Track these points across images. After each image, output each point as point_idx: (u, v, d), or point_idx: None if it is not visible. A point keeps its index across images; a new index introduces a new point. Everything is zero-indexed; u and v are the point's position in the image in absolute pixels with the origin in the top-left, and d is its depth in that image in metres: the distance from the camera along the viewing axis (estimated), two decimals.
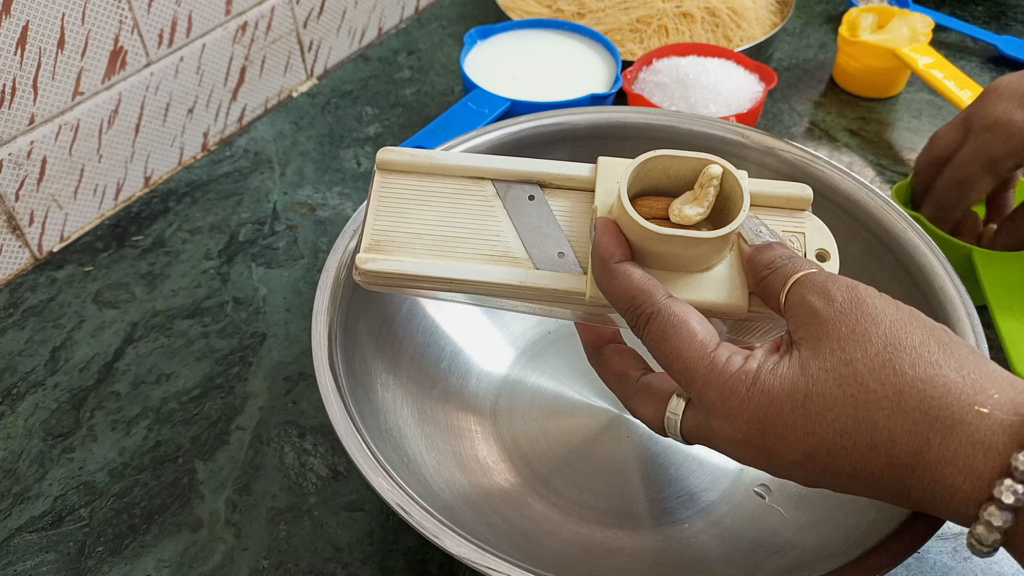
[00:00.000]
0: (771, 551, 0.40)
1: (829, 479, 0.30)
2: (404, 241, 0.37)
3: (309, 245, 0.60)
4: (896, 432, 0.28)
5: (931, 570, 0.44)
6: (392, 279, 0.36)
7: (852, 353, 0.29)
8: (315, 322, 0.40)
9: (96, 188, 0.61)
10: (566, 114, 0.51)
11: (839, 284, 0.31)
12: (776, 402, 0.29)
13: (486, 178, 0.38)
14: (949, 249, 0.53)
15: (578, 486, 0.45)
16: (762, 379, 0.30)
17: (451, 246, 0.37)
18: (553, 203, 0.38)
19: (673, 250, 0.33)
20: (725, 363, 0.31)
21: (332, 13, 0.74)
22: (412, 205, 0.38)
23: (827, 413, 0.29)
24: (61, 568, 0.43)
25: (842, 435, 0.29)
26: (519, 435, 0.47)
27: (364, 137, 0.69)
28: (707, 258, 0.34)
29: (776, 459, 0.30)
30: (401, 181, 0.38)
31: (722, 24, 0.74)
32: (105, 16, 0.56)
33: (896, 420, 0.28)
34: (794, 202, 0.36)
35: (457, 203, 0.38)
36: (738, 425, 0.30)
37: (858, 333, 0.29)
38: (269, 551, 0.44)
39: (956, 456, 0.27)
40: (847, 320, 0.30)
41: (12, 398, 0.51)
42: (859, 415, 0.28)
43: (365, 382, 0.42)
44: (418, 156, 0.38)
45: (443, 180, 0.38)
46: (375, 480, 0.35)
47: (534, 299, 0.36)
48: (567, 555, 0.42)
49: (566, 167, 0.38)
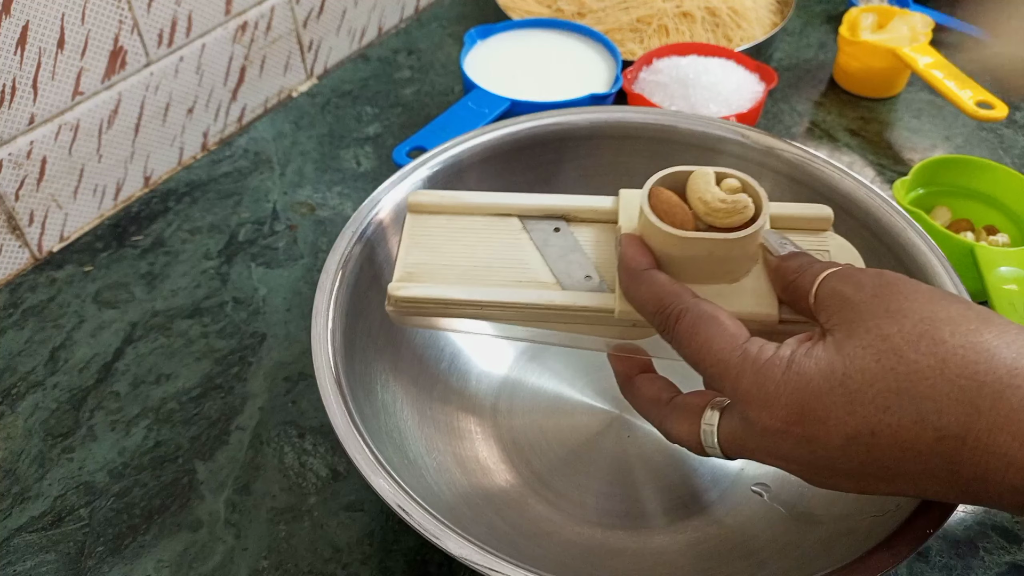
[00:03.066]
0: (773, 551, 0.40)
1: (874, 468, 0.29)
2: (435, 272, 0.38)
3: (309, 245, 0.60)
4: (942, 402, 0.27)
5: (931, 569, 0.44)
6: (423, 305, 0.37)
7: (888, 328, 0.28)
8: (315, 322, 0.40)
9: (96, 188, 0.61)
10: (566, 114, 0.51)
11: (867, 272, 0.30)
12: (813, 383, 0.28)
13: (512, 214, 0.40)
14: (951, 245, 0.53)
15: (578, 487, 0.45)
16: (797, 362, 0.29)
17: (480, 274, 0.38)
18: (578, 234, 0.39)
19: (698, 254, 0.33)
20: (758, 352, 0.30)
21: (332, 13, 0.74)
22: (442, 241, 0.39)
23: (867, 390, 0.28)
24: (61, 568, 0.43)
25: (885, 411, 0.27)
26: (519, 436, 0.47)
27: (364, 137, 0.69)
28: (734, 265, 0.34)
29: (818, 448, 0.29)
30: (431, 220, 0.40)
31: (722, 24, 0.74)
32: (105, 16, 0.56)
33: (941, 389, 0.27)
34: (815, 222, 0.37)
35: (485, 237, 0.39)
36: (776, 411, 0.29)
37: (892, 310, 0.28)
38: (269, 551, 0.44)
39: (1009, 421, 0.26)
40: (880, 301, 0.29)
41: (12, 398, 0.51)
42: (902, 388, 0.27)
43: (365, 383, 0.42)
44: (446, 197, 0.40)
45: (471, 218, 0.40)
46: (375, 481, 0.35)
47: (563, 321, 0.37)
48: (568, 556, 0.42)
49: (589, 200, 0.39)
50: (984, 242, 0.57)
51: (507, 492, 0.44)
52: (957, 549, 0.44)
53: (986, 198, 0.59)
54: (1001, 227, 0.58)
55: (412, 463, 0.42)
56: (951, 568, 0.44)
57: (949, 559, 0.44)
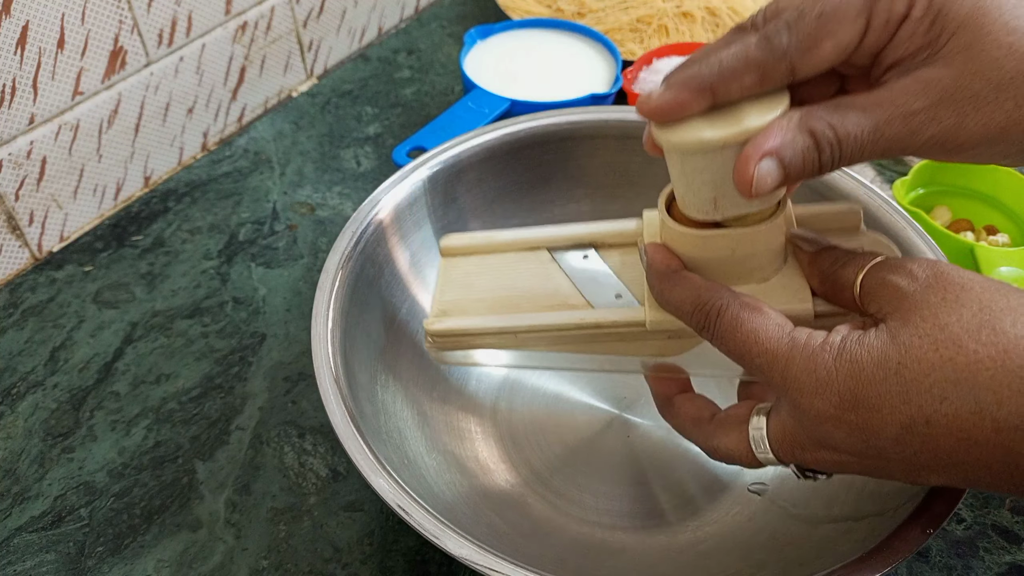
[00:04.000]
0: (772, 550, 0.40)
1: (928, 458, 0.28)
2: (469, 305, 0.39)
3: (309, 245, 0.60)
4: (1003, 393, 0.26)
5: (931, 569, 0.44)
6: (459, 338, 0.38)
7: (946, 318, 0.27)
8: (315, 322, 0.40)
9: (96, 188, 0.61)
10: (566, 114, 0.51)
11: (918, 262, 0.29)
12: (866, 371, 0.28)
13: (541, 247, 0.41)
14: (950, 245, 0.53)
15: (578, 486, 0.45)
16: (849, 348, 0.28)
17: (513, 304, 0.38)
18: (607, 259, 0.40)
19: (722, 253, 0.33)
20: (807, 339, 0.29)
21: (332, 13, 0.74)
22: (475, 278, 0.40)
23: (924, 379, 0.27)
24: (61, 568, 0.43)
25: (942, 401, 0.27)
26: (519, 436, 0.47)
27: (364, 137, 0.69)
28: (762, 262, 0.33)
29: (871, 436, 0.28)
30: (463, 260, 0.41)
31: (722, 24, 0.74)
32: (105, 16, 0.56)
33: (1001, 380, 0.26)
34: (846, 219, 0.36)
35: (516, 271, 0.40)
36: (828, 397, 0.28)
37: (949, 300, 0.27)
38: (269, 551, 0.44)
39: None
40: (935, 291, 0.28)
41: (12, 398, 0.51)
42: (960, 378, 0.26)
43: (365, 383, 0.42)
44: (476, 238, 0.42)
45: (501, 255, 0.41)
46: (375, 481, 0.35)
47: (597, 340, 0.37)
48: (568, 555, 0.42)
49: (614, 224, 0.40)
50: (984, 242, 0.57)
51: (507, 492, 0.44)
52: (957, 549, 0.44)
53: (986, 198, 0.59)
54: (1001, 227, 0.58)
55: (412, 463, 0.42)
56: (951, 568, 0.44)
57: (949, 559, 0.44)
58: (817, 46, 0.29)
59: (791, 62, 0.29)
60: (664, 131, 0.30)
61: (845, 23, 0.28)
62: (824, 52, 0.29)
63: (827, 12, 0.28)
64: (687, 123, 0.30)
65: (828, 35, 0.28)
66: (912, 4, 0.28)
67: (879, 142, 0.28)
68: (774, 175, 0.29)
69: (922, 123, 0.28)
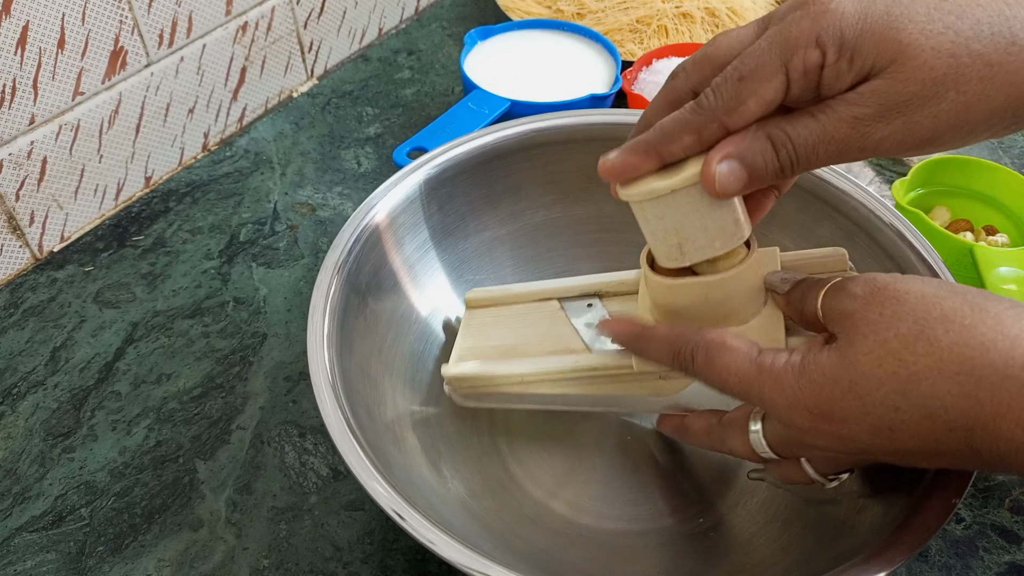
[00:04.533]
0: (780, 547, 0.40)
1: (904, 453, 0.30)
2: (483, 352, 0.43)
3: (309, 245, 0.60)
4: (946, 399, 0.28)
5: (931, 569, 0.44)
6: (474, 382, 0.42)
7: (885, 334, 0.30)
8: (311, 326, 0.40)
9: (96, 188, 0.61)
10: (567, 116, 0.51)
11: (857, 280, 0.32)
12: (825, 390, 0.30)
13: (552, 298, 0.45)
14: (950, 245, 0.53)
15: (579, 488, 0.45)
16: (808, 369, 0.31)
17: (522, 350, 0.43)
18: (609, 307, 0.44)
19: (696, 300, 0.35)
20: (772, 361, 0.32)
21: (332, 13, 0.74)
22: (491, 328, 0.45)
23: (875, 393, 0.29)
24: (61, 568, 0.43)
25: (896, 411, 0.29)
26: (519, 439, 0.47)
27: (364, 137, 0.69)
28: (738, 306, 0.36)
29: (849, 441, 0.31)
30: (483, 311, 0.46)
31: (722, 24, 0.75)
32: (105, 16, 0.56)
33: (942, 387, 0.28)
34: (832, 264, 0.38)
35: (528, 321, 0.44)
36: (801, 412, 0.31)
37: (887, 315, 0.30)
38: (270, 550, 0.44)
39: (1010, 410, 0.27)
40: (873, 307, 0.30)
41: (13, 398, 0.51)
42: (906, 389, 0.29)
43: (363, 385, 0.42)
44: (495, 291, 0.47)
45: (516, 306, 0.46)
46: (370, 485, 0.34)
47: (597, 381, 0.40)
48: (570, 556, 0.42)
49: (617, 276, 0.45)
50: (983, 242, 0.57)
51: (506, 494, 0.44)
52: (957, 549, 0.44)
53: (985, 198, 0.59)
54: (1000, 227, 0.58)
55: (411, 467, 0.41)
56: (951, 568, 0.44)
57: (948, 559, 0.44)
58: (743, 105, 0.31)
59: (722, 122, 0.31)
60: (623, 188, 0.34)
61: (764, 81, 0.31)
62: (750, 109, 0.31)
63: (746, 74, 0.31)
64: (642, 179, 0.33)
65: (751, 94, 0.31)
66: (824, 51, 0.30)
67: (831, 143, 0.31)
68: (737, 173, 0.32)
69: (870, 126, 0.30)
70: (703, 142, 0.32)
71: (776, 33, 0.31)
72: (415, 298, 0.48)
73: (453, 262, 0.50)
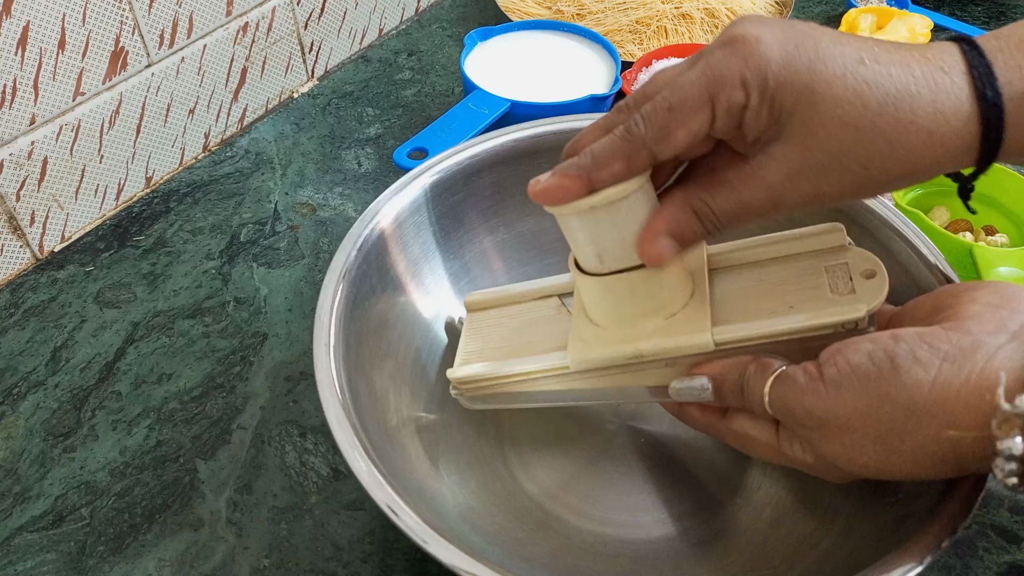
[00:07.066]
0: (786, 554, 0.40)
1: (902, 476, 0.33)
2: (487, 353, 0.44)
3: (310, 245, 0.60)
4: (916, 454, 0.31)
5: (930, 569, 0.44)
6: (479, 382, 0.43)
7: (825, 448, 0.34)
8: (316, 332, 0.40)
9: (97, 188, 0.61)
10: (569, 120, 0.51)
11: (803, 369, 0.34)
12: (814, 471, 0.36)
13: (552, 295, 0.45)
14: (949, 245, 0.53)
15: (583, 493, 0.44)
16: (786, 456, 0.36)
17: (524, 349, 0.43)
18: None
19: (621, 294, 0.37)
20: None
21: (333, 14, 0.74)
22: (494, 329, 0.45)
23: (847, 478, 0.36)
24: (62, 568, 0.43)
25: (865, 468, 0.33)
26: (524, 444, 0.46)
27: (365, 138, 0.69)
28: (665, 301, 0.38)
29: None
30: (485, 313, 0.46)
31: (721, 25, 0.75)
32: (106, 17, 0.57)
33: (904, 454, 0.32)
34: (830, 239, 0.39)
35: (529, 319, 0.45)
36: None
37: (831, 428, 0.33)
38: (270, 550, 0.44)
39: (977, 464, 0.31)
40: (806, 432, 0.34)
41: (13, 398, 0.51)
42: (881, 467, 0.33)
43: (365, 387, 0.42)
44: (494, 292, 0.47)
45: (517, 305, 0.46)
46: (375, 493, 0.34)
47: (601, 374, 0.41)
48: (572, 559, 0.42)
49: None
50: (983, 242, 0.57)
51: (511, 499, 0.44)
52: (957, 549, 0.44)
53: (985, 198, 0.59)
54: (1000, 227, 0.58)
55: (412, 468, 0.41)
56: (951, 568, 0.44)
57: (948, 559, 0.44)
58: (671, 135, 0.33)
59: (651, 150, 0.33)
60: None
61: (691, 114, 0.32)
62: (678, 139, 0.33)
63: (675, 105, 0.32)
64: None
65: (679, 124, 0.32)
66: (748, 93, 0.32)
67: (749, 211, 0.34)
68: (670, 248, 0.35)
69: (782, 193, 0.33)
70: (632, 169, 0.33)
71: (706, 67, 0.32)
72: (419, 302, 0.48)
73: (458, 266, 0.50)
